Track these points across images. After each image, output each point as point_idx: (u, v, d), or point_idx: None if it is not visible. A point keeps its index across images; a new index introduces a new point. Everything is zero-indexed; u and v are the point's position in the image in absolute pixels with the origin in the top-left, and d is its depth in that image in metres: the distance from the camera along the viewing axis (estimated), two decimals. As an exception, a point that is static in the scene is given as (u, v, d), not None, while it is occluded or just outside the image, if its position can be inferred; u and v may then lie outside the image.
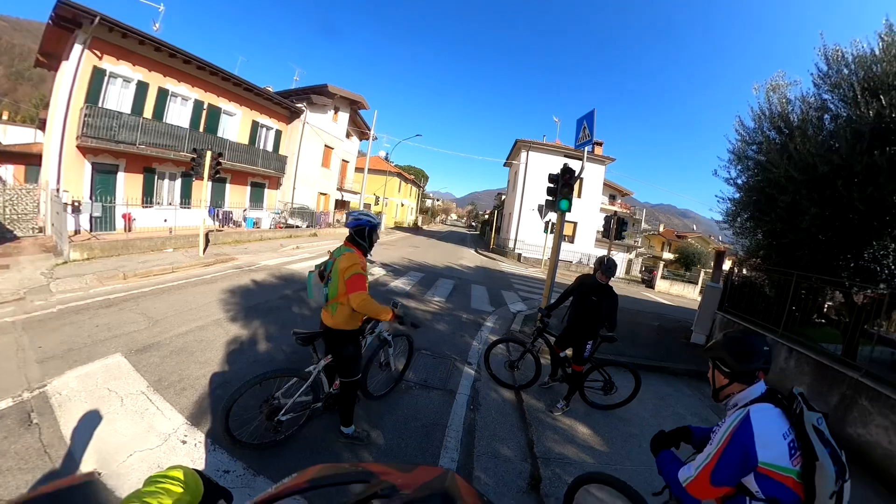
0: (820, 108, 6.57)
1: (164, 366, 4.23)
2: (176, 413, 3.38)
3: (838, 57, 6.26)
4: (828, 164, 5.71)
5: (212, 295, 7.15)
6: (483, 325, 8.03)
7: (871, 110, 5.30)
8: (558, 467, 3.47)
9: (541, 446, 3.77)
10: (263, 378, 3.02)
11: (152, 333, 5.07)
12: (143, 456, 2.81)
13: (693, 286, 26.71)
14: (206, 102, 16.26)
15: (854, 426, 4.79)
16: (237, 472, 2.77)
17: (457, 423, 3.98)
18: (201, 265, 9.65)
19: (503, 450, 3.68)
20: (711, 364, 1.79)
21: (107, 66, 12.56)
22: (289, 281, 9.20)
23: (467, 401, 4.53)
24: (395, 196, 44.48)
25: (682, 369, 6.85)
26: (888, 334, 7.65)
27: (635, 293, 21.73)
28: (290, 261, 11.98)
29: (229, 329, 5.59)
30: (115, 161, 13.10)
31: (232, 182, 18.36)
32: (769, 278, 7.85)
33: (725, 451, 1.51)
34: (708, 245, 43.84)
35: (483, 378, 5.22)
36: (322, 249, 15.69)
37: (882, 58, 5.59)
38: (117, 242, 9.95)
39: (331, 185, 27.11)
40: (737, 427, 1.52)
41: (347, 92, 24.53)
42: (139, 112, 13.48)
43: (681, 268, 35.25)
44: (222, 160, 12.29)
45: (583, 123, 6.80)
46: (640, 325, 10.25)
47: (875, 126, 5.31)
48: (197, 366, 4.34)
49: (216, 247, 12.62)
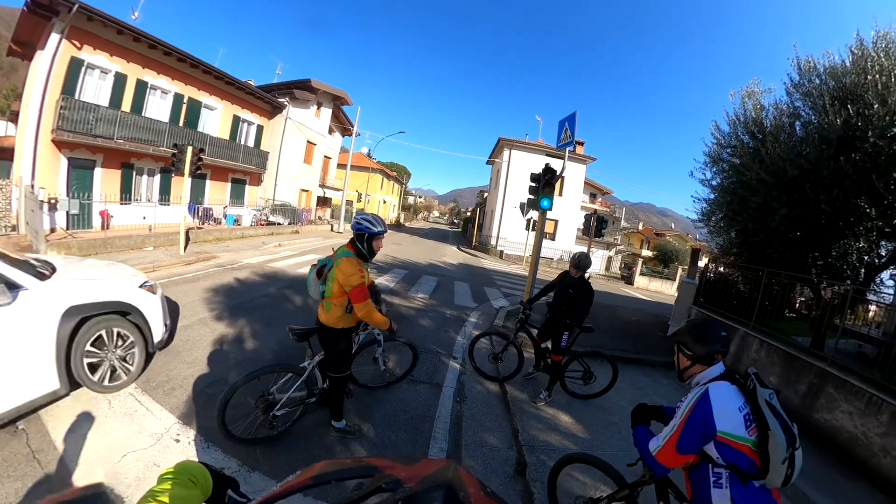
0: (792, 115, 6.87)
1: (150, 367, 4.16)
2: (166, 413, 3.36)
3: (810, 67, 6.57)
4: (797, 168, 5.99)
5: (195, 294, 7.04)
6: (466, 321, 8.16)
7: (839, 119, 5.58)
8: (542, 454, 3.61)
9: (525, 435, 3.90)
10: (261, 373, 3.09)
11: None
12: (137, 456, 2.80)
13: (671, 282, 27.43)
14: (186, 96, 15.87)
15: (821, 412, 5.12)
16: (232, 469, 2.79)
17: (444, 415, 4.11)
18: (182, 264, 9.46)
19: (490, 439, 3.81)
20: (676, 348, 1.97)
21: (84, 57, 12.12)
22: (272, 279, 9.13)
23: (453, 393, 4.66)
24: (377, 193, 44.24)
25: (658, 361, 7.11)
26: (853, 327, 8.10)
27: (615, 289, 22.21)
28: (272, 259, 11.85)
29: (215, 328, 5.54)
30: (92, 156, 12.70)
31: (212, 178, 17.99)
32: (742, 275, 8.17)
33: (687, 422, 1.68)
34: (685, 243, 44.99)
35: (468, 372, 5.35)
36: (305, 247, 15.49)
37: (852, 70, 5.89)
38: (96, 241, 9.68)
39: (313, 182, 26.81)
40: (697, 401, 1.70)
41: (331, 87, 24.22)
42: (117, 105, 13.07)
43: (659, 265, 36.14)
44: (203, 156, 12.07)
45: (564, 125, 6.96)
46: (619, 319, 10.53)
47: (842, 134, 5.59)
48: (184, 366, 4.30)
49: (197, 245, 12.39)
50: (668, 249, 37.68)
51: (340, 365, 3.20)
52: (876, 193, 5.43)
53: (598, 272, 31.45)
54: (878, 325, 7.83)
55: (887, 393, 4.46)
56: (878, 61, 5.59)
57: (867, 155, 5.38)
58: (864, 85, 5.58)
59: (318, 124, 25.72)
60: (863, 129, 5.40)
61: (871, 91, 5.44)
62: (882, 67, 5.49)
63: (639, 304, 16.85)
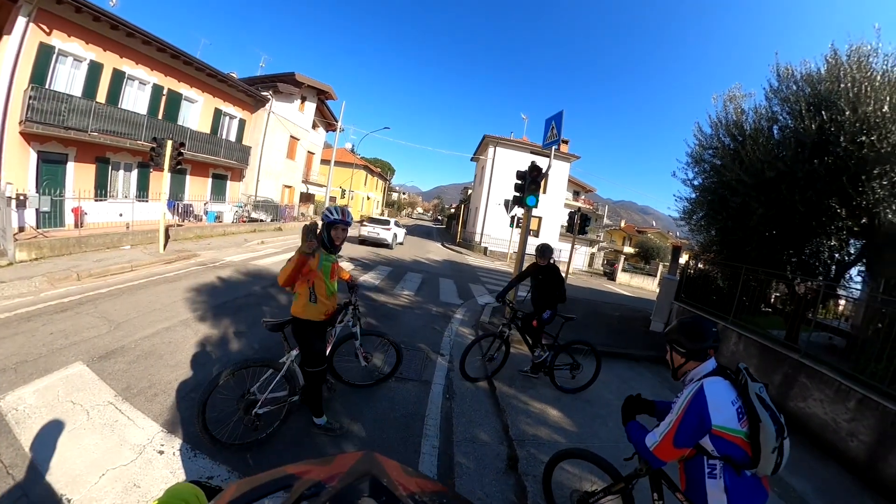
0: (770, 119, 7.08)
1: (131, 372, 3.98)
2: (149, 421, 3.21)
3: (789, 74, 6.78)
4: (774, 170, 6.17)
5: (176, 294, 6.84)
6: (453, 318, 8.14)
7: (814, 124, 5.79)
8: (533, 447, 3.66)
9: (515, 429, 3.93)
10: (237, 368, 3.02)
11: (115, 338, 4.74)
12: (117, 474, 2.60)
13: (652, 278, 27.98)
14: (165, 88, 15.30)
15: (795, 400, 5.36)
16: (222, 476, 2.71)
17: (434, 412, 4.10)
18: (162, 262, 9.16)
19: (480, 434, 3.82)
20: (669, 347, 2.02)
21: (56, 43, 11.50)
22: (256, 278, 8.92)
23: (443, 390, 4.67)
24: (361, 189, 43.77)
25: (642, 355, 7.26)
26: (824, 321, 8.39)
27: (598, 285, 22.53)
28: (255, 256, 11.59)
29: (198, 329, 5.39)
30: (64, 150, 12.10)
31: (192, 174, 17.46)
32: (721, 271, 8.38)
33: (684, 417, 1.75)
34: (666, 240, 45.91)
35: (456, 369, 5.33)
36: (288, 244, 15.21)
37: (826, 78, 6.11)
38: (69, 240, 9.20)
39: (296, 178, 26.36)
40: (693, 397, 1.76)
41: (315, 81, 23.81)
42: (91, 96, 12.48)
43: (640, 261, 36.82)
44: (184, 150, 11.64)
45: (551, 123, 6.99)
46: (603, 315, 10.68)
47: (816, 138, 5.80)
48: (167, 369, 4.15)
49: (177, 242, 12.01)
50: (650, 246, 38.43)
51: (314, 358, 3.17)
52: (846, 195, 5.66)
53: (581, 269, 31.85)
54: (847, 319, 8.16)
55: (854, 381, 4.68)
56: (850, 72, 5.82)
57: (838, 158, 5.60)
58: (837, 93, 5.80)
59: (302, 119, 25.26)
60: (835, 134, 5.62)
61: (843, 99, 5.66)
62: (854, 78, 5.73)
63: (621, 300, 17.13)
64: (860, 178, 5.47)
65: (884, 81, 5.66)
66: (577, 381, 5.10)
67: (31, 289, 6.33)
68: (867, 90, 5.56)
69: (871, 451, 4.30)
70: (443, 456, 3.39)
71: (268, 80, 21.83)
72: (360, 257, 14.41)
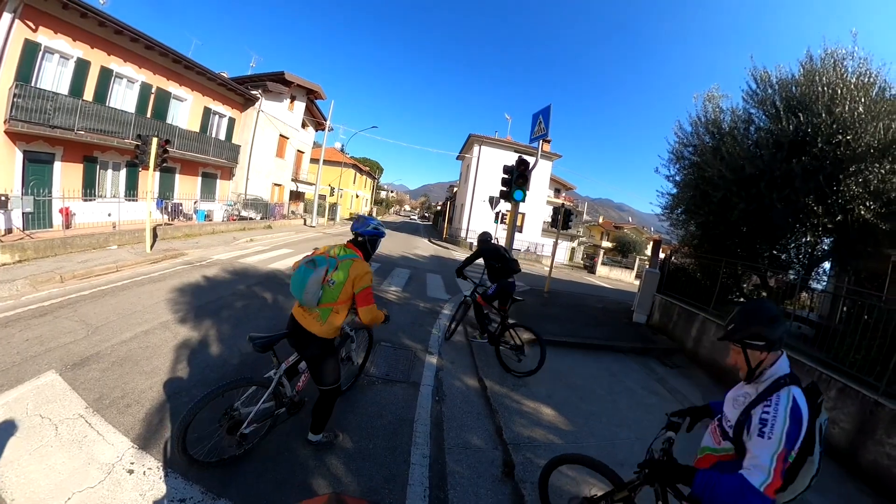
0: (747, 121, 7.02)
1: (104, 380, 3.60)
2: (120, 436, 2.85)
3: (765, 78, 6.71)
4: (754, 167, 6.09)
5: (159, 295, 6.38)
6: (440, 313, 7.81)
7: (791, 125, 5.71)
8: (529, 451, 3.38)
9: (509, 432, 3.65)
10: (221, 391, 2.58)
11: (91, 343, 4.34)
12: (83, 498, 2.27)
13: (630, 271, 28.15)
14: (154, 86, 14.54)
15: None
16: (195, 499, 2.39)
17: (424, 417, 3.79)
18: (148, 262, 8.65)
19: (473, 439, 3.54)
20: (740, 347, 1.61)
21: (42, 41, 10.76)
22: (242, 276, 8.45)
23: (432, 392, 4.34)
24: (350, 188, 43.09)
25: (627, 346, 7.09)
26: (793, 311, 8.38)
27: (579, 278, 22.53)
28: (243, 254, 11.06)
29: (178, 332, 4.96)
30: (51, 149, 11.38)
31: (182, 172, 16.71)
32: (701, 264, 8.28)
33: (788, 432, 1.39)
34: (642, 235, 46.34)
35: (446, 367, 5.06)
36: (277, 241, 14.66)
37: (802, 82, 6.05)
38: (54, 241, 8.59)
39: (285, 176, 25.65)
40: (790, 415, 1.41)
41: (305, 80, 23.09)
42: (78, 94, 11.75)
43: (618, 255, 37.01)
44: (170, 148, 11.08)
45: (538, 118, 6.72)
46: (586, 307, 10.53)
47: (794, 138, 5.73)
48: (142, 377, 3.76)
49: (165, 242, 11.42)
50: (627, 241, 38.71)
51: (332, 376, 2.82)
52: (822, 193, 5.59)
53: (563, 262, 31.87)
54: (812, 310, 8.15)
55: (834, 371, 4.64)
56: (825, 76, 5.77)
57: (815, 158, 5.53)
58: (813, 95, 5.74)
59: (292, 118, 24.55)
60: (812, 134, 5.55)
61: (819, 101, 5.60)
62: (830, 81, 5.68)
63: (602, 291, 17.08)
64: (836, 176, 5.41)
65: (858, 83, 5.60)
66: (522, 366, 5.07)
67: (11, 292, 5.85)
68: (842, 92, 5.50)
69: (852, 439, 4.21)
70: (434, 465, 3.09)
71: (257, 79, 21.07)
72: None
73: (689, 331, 7.54)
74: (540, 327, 6.98)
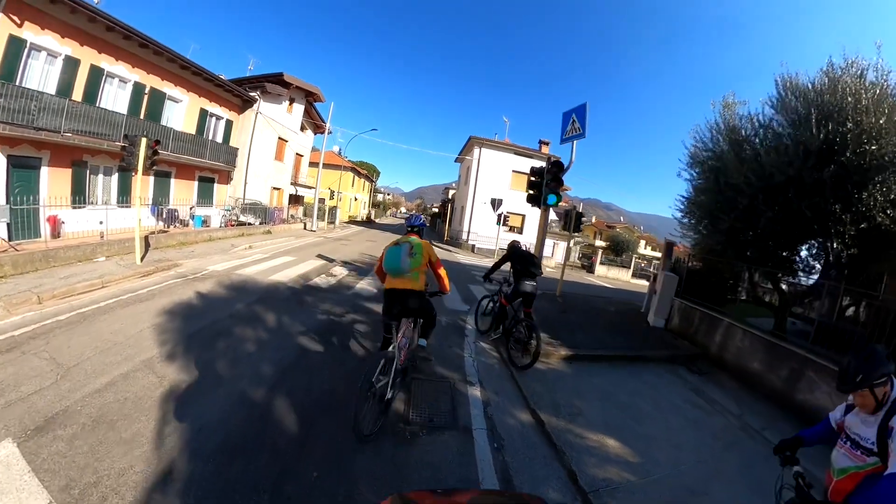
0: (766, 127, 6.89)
1: (73, 456, 2.75)
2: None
3: (793, 85, 6.59)
4: (783, 175, 5.96)
5: (145, 319, 5.55)
6: (465, 328, 7.18)
7: (821, 134, 5.66)
8: (608, 496, 3.04)
9: (584, 476, 3.23)
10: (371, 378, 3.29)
11: (60, 393, 3.48)
12: None
13: (626, 270, 28.06)
14: (148, 86, 13.88)
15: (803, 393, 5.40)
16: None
17: (489, 473, 3.21)
18: (138, 276, 7.89)
19: (550, 492, 3.05)
20: (870, 389, 1.85)
21: (28, 37, 10.09)
22: (240, 291, 7.55)
23: (487, 437, 3.74)
24: (348, 191, 42.51)
25: (657, 356, 6.87)
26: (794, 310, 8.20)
27: (580, 278, 22.22)
28: (241, 264, 10.25)
29: (164, 374, 4.06)
30: (37, 153, 10.66)
31: (177, 177, 16.03)
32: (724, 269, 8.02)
33: None
34: (633, 234, 46.24)
35: (492, 401, 4.45)
36: (278, 248, 13.88)
37: (828, 90, 5.97)
38: (34, 254, 7.67)
39: (284, 180, 25.01)
40: None
41: (304, 82, 22.45)
42: (66, 93, 11.08)
43: (611, 253, 36.80)
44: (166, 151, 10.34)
45: (571, 116, 6.16)
46: (599, 310, 10.20)
47: (822, 147, 5.68)
48: (120, 448, 2.90)
49: (158, 251, 10.69)
50: (620, 240, 38.70)
51: (433, 308, 4.25)
52: (849, 201, 5.56)
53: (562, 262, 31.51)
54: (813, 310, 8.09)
55: None
56: (850, 85, 5.71)
57: (841, 167, 5.49)
58: (838, 104, 5.71)
59: (291, 120, 23.93)
60: (840, 143, 5.52)
61: (847, 110, 5.55)
62: (854, 91, 5.63)
63: (607, 292, 16.80)
64: (865, 185, 5.41)
65: (882, 94, 5.57)
66: (522, 360, 5.39)
67: (-19, 319, 5.00)
68: (866, 102, 5.48)
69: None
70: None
71: (255, 80, 20.42)
72: (353, 260, 13.35)
73: (712, 336, 7.38)
74: (566, 337, 6.66)
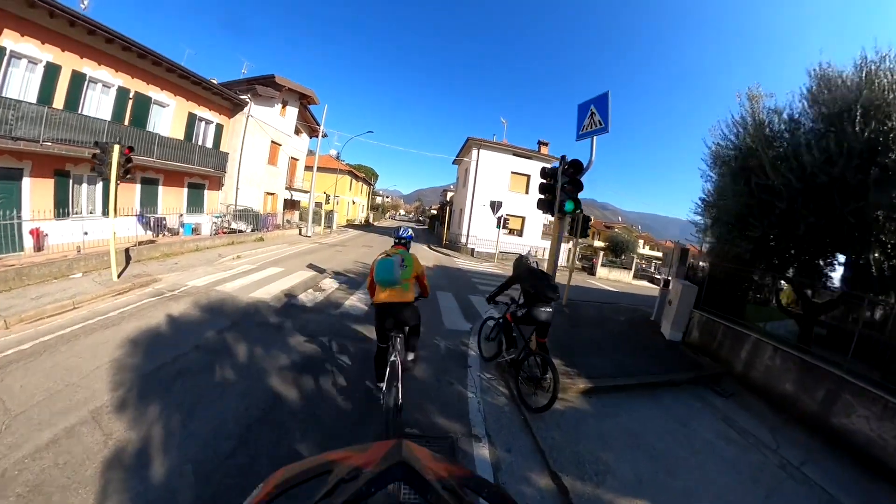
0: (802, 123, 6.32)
1: None
2: None
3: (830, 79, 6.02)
4: (826, 176, 5.39)
5: (105, 351, 4.89)
6: (468, 355, 6.27)
7: (865, 132, 5.13)
8: None
9: None
10: None
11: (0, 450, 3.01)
12: None
13: (627, 271, 27.59)
14: (132, 90, 13.24)
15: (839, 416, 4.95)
16: None
17: None
18: (112, 294, 7.25)
19: None
20: None
21: (7, 44, 9.54)
22: (216, 313, 6.74)
23: None
24: (346, 194, 41.82)
25: (682, 378, 6.26)
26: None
27: (582, 281, 21.73)
28: (224, 278, 9.47)
29: (111, 430, 3.42)
30: (18, 163, 10.02)
31: (165, 184, 15.32)
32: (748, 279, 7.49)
33: None
34: (631, 234, 45.83)
35: (504, 462, 3.68)
36: (267, 258, 13.08)
37: (866, 85, 5.41)
38: (7, 272, 7.07)
39: (279, 185, 24.36)
40: None
41: (297, 84, 21.77)
42: (47, 101, 10.49)
43: (611, 254, 36.34)
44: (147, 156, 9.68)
45: (589, 108, 5.05)
46: (608, 321, 9.61)
47: (864, 146, 5.15)
48: None
49: (139, 264, 10.01)
50: (619, 240, 38.17)
51: (419, 320, 4.30)
52: (893, 207, 4.97)
53: (563, 264, 31.01)
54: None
55: None
56: (888, 79, 5.20)
57: (883, 168, 4.96)
58: (879, 100, 5.16)
59: (284, 124, 23.27)
60: (884, 143, 4.99)
61: (888, 108, 5.04)
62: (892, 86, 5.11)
63: (611, 296, 16.29)
64: None
65: None
66: (536, 401, 4.59)
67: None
68: None
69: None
70: None
71: (246, 83, 19.73)
72: (346, 270, 12.44)
73: (737, 353, 6.83)
74: (581, 362, 6.06)
